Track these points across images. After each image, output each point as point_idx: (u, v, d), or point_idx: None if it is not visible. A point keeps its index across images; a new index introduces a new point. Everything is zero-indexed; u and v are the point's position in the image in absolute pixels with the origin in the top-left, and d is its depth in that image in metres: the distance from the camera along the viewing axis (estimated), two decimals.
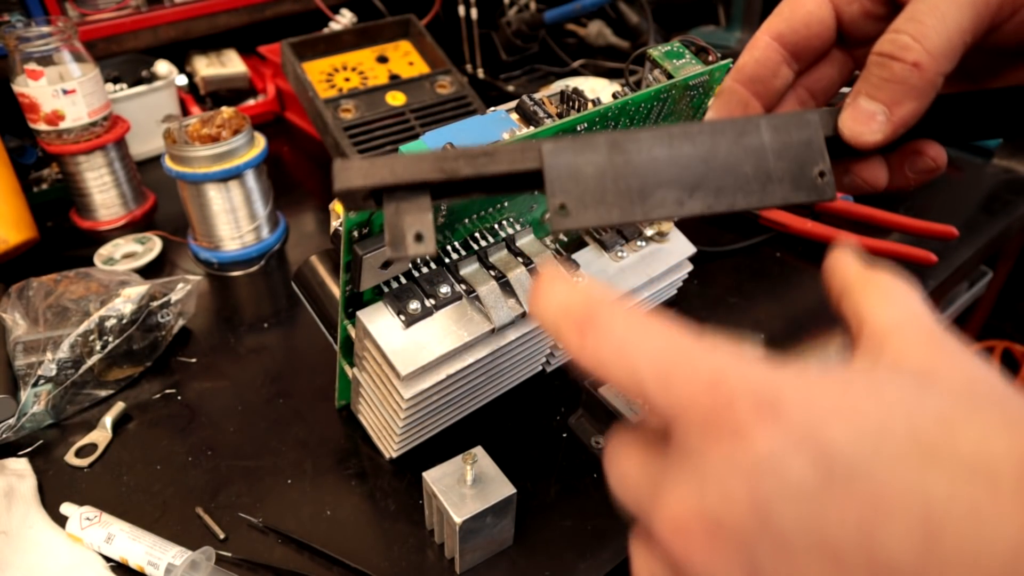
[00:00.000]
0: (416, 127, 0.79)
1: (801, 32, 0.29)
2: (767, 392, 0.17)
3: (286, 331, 0.63)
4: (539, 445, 0.51)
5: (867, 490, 0.15)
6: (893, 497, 0.15)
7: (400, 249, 0.24)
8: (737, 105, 0.31)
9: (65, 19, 0.75)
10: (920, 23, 0.25)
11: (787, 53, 0.30)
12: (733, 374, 0.18)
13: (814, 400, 0.17)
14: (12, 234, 0.68)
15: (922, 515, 0.15)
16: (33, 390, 0.53)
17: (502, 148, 0.25)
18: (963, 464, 0.15)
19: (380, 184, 0.24)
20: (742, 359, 0.18)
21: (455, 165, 0.24)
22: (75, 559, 0.44)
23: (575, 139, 0.25)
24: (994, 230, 0.73)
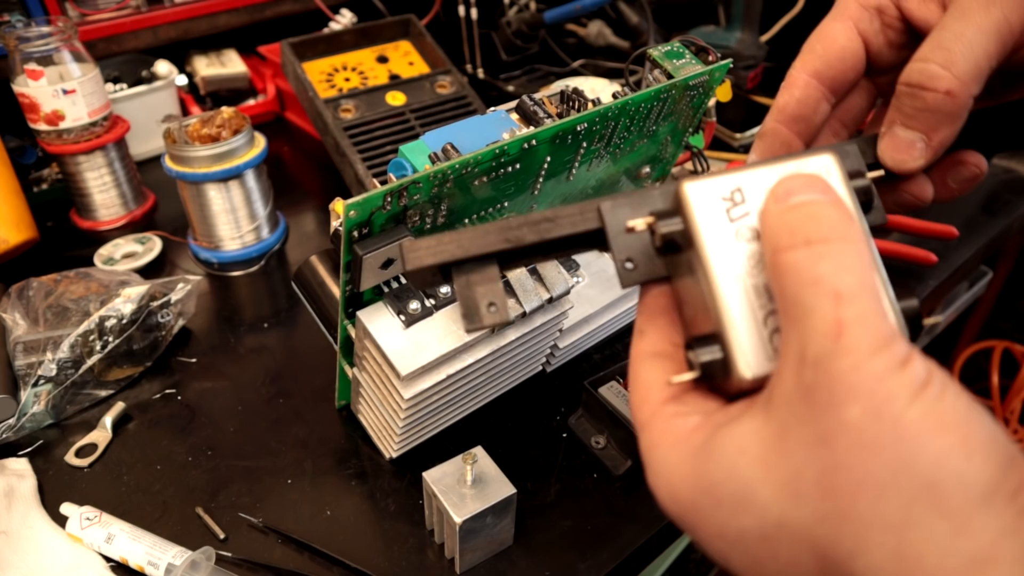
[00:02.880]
0: (416, 127, 0.79)
1: (837, 67, 0.30)
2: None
3: (286, 331, 0.63)
4: (539, 445, 0.51)
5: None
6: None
7: (475, 320, 0.25)
8: (781, 146, 0.31)
9: (65, 19, 0.75)
10: (948, 51, 0.25)
11: (826, 89, 0.30)
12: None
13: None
14: (12, 234, 0.68)
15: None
16: (33, 390, 0.53)
17: (563, 212, 0.25)
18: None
19: (450, 260, 0.24)
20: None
21: (519, 234, 0.25)
22: (75, 559, 0.44)
23: (631, 195, 0.25)
24: (994, 230, 0.73)
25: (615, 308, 0.57)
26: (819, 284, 0.19)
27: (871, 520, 0.17)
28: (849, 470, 0.18)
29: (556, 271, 0.46)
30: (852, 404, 0.18)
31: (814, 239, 0.20)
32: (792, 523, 0.19)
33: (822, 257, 0.19)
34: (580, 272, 0.55)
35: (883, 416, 0.18)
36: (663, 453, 0.22)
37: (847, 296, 0.19)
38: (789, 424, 0.19)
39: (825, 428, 0.18)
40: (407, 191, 0.38)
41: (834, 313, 0.18)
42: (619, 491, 0.48)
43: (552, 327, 0.49)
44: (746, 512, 0.20)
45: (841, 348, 0.18)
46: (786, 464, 0.19)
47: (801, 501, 0.18)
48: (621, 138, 0.49)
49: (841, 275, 0.19)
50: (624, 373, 0.52)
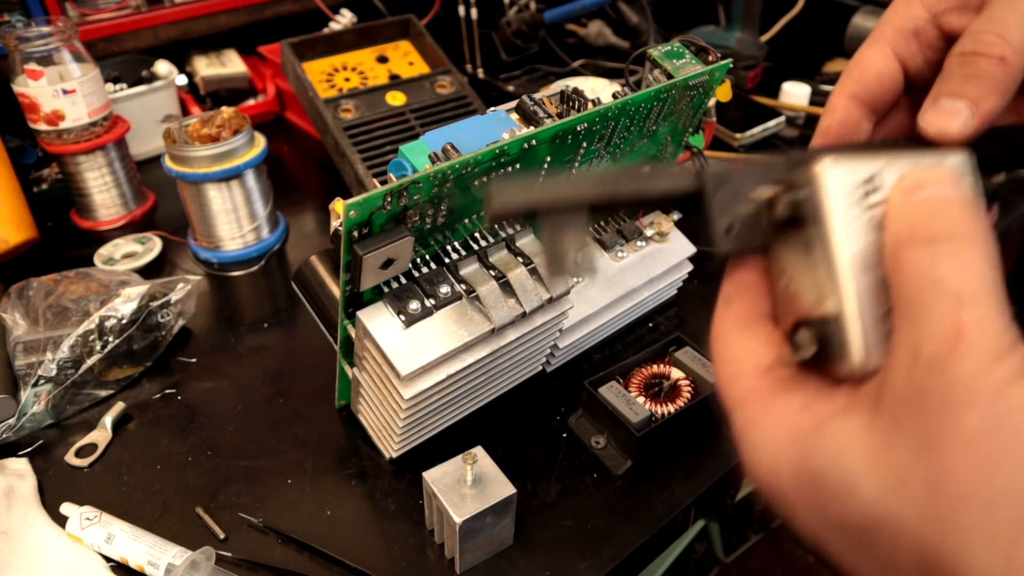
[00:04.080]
0: (416, 127, 0.79)
1: (875, 90, 0.30)
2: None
3: (286, 331, 0.63)
4: (539, 445, 0.51)
5: None
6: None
7: (562, 270, 0.24)
8: None
9: (65, 19, 0.75)
10: (1001, 22, 0.25)
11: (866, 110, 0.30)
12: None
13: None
14: (12, 234, 0.68)
15: None
16: (33, 390, 0.53)
17: (662, 169, 0.25)
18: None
19: (541, 203, 0.24)
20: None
21: (616, 186, 0.24)
22: (75, 559, 0.44)
23: (741, 164, 0.24)
24: (994, 230, 0.73)
25: (615, 308, 0.57)
26: (940, 284, 0.19)
27: (981, 527, 0.17)
28: (962, 477, 0.18)
29: None
30: (970, 411, 0.18)
31: (938, 237, 0.19)
32: (896, 519, 0.19)
33: (945, 257, 0.19)
34: None
35: (1003, 428, 0.17)
36: (765, 434, 0.22)
37: (968, 299, 0.18)
38: (900, 423, 0.19)
39: (938, 431, 0.18)
40: (407, 191, 0.38)
41: (954, 316, 0.18)
42: (619, 491, 0.48)
43: (552, 327, 0.49)
44: (850, 502, 0.20)
45: (960, 353, 0.18)
46: (894, 462, 0.19)
47: (907, 500, 0.19)
48: (621, 138, 0.49)
49: (964, 277, 0.19)
50: (624, 372, 0.52)
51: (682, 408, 0.49)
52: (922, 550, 0.18)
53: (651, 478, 0.49)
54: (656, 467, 0.49)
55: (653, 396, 0.51)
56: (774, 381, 0.23)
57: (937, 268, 0.19)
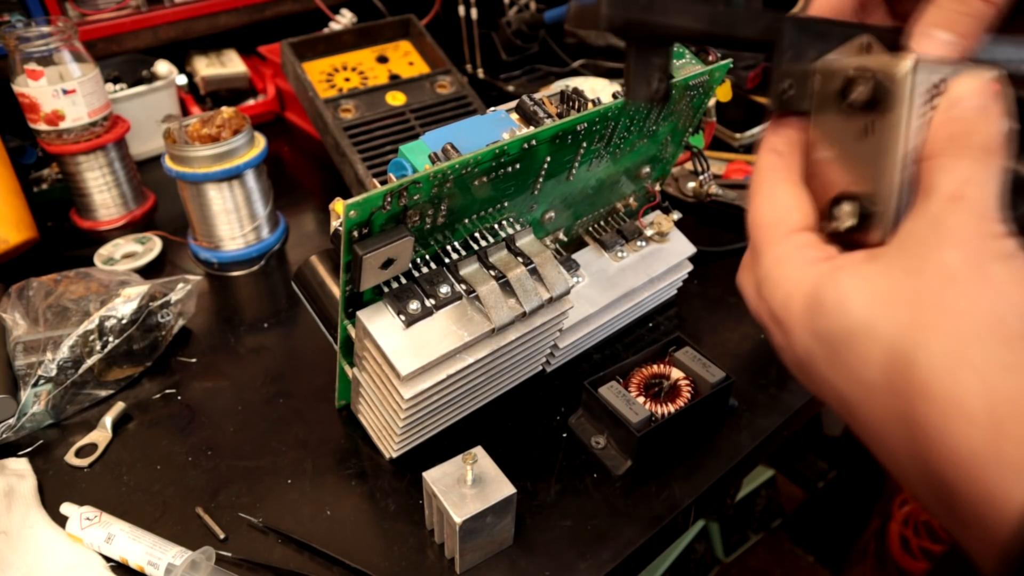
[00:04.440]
0: (416, 127, 0.79)
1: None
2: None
3: (286, 331, 0.63)
4: (539, 445, 0.51)
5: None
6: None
7: (642, 94, 0.26)
8: None
9: (65, 19, 0.75)
10: None
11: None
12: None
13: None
14: (12, 234, 0.68)
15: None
16: (33, 390, 0.53)
17: (749, 13, 0.27)
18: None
19: (648, 23, 0.26)
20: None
21: (713, 23, 0.26)
22: (75, 559, 0.44)
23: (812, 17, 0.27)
24: None
25: (615, 308, 0.57)
26: (955, 171, 0.23)
27: (942, 328, 0.22)
28: (935, 294, 0.22)
29: (556, 271, 0.46)
30: (952, 249, 0.22)
31: (964, 152, 0.24)
32: (876, 324, 0.23)
33: (964, 167, 0.23)
34: (580, 272, 0.55)
35: (974, 263, 0.22)
36: (789, 270, 0.26)
37: (974, 183, 0.23)
38: (896, 258, 0.24)
39: (926, 262, 0.23)
40: (407, 191, 0.38)
41: (959, 187, 0.23)
42: (619, 491, 0.48)
43: (552, 327, 0.49)
44: (840, 313, 0.24)
45: (954, 208, 0.23)
46: (886, 283, 0.23)
47: (888, 310, 0.23)
48: (621, 138, 0.49)
49: (974, 174, 0.23)
50: (624, 372, 0.52)
51: (682, 408, 0.49)
52: (888, 346, 0.23)
53: (651, 478, 0.49)
54: (656, 467, 0.49)
55: (653, 396, 0.51)
56: (809, 236, 0.27)
57: (956, 170, 0.23)
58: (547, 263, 0.46)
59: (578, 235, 0.57)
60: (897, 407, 0.22)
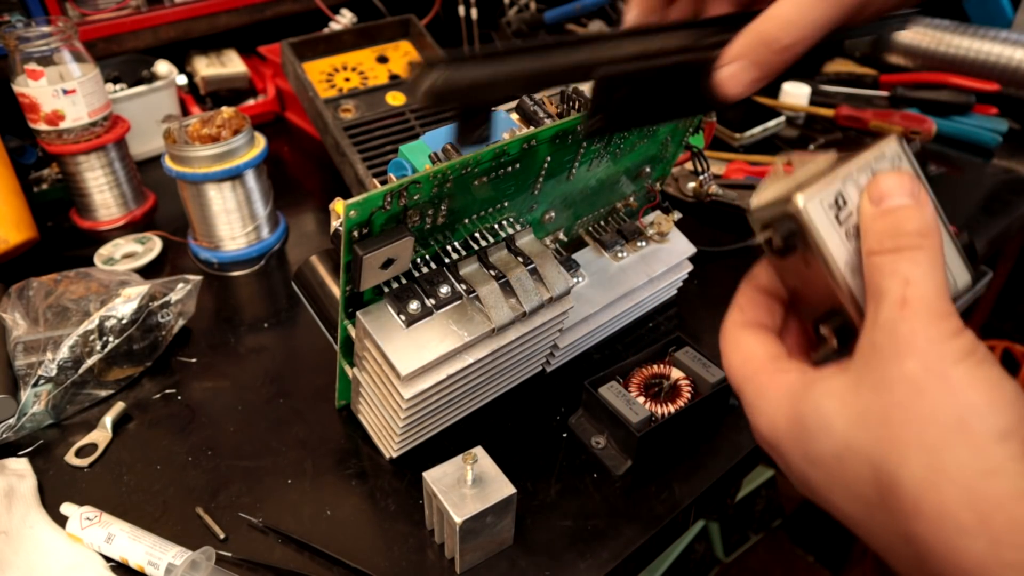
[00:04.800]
0: (416, 127, 0.79)
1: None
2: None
3: (286, 331, 0.63)
4: (539, 445, 0.51)
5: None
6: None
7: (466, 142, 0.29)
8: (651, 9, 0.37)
9: (65, 19, 0.75)
10: (784, 17, 0.32)
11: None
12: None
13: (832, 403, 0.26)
14: (12, 234, 0.68)
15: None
16: (33, 390, 0.53)
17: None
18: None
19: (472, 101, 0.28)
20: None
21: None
22: (75, 559, 0.44)
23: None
24: (994, 230, 0.73)
25: (615, 308, 0.57)
26: (896, 275, 0.25)
27: (915, 443, 0.23)
28: (903, 407, 0.23)
29: (556, 271, 0.46)
30: (910, 358, 0.24)
31: (901, 246, 0.25)
32: (857, 445, 0.24)
33: (903, 260, 0.25)
34: (580, 272, 0.55)
35: (934, 370, 0.23)
36: (769, 397, 0.28)
37: (915, 283, 0.24)
38: (863, 372, 0.25)
39: (889, 375, 0.24)
40: (407, 191, 0.38)
41: (902, 291, 0.24)
42: (619, 491, 0.48)
43: (552, 327, 0.49)
44: (825, 437, 0.25)
45: (904, 316, 0.24)
46: (858, 401, 0.25)
47: (866, 429, 0.24)
48: (621, 138, 0.49)
49: (914, 270, 0.25)
50: (624, 372, 0.52)
51: (682, 408, 0.49)
52: (874, 467, 0.24)
53: (651, 478, 0.49)
54: (656, 467, 0.49)
55: (653, 396, 0.51)
56: (778, 362, 0.29)
57: (896, 266, 0.25)
58: (547, 263, 0.46)
59: (578, 235, 0.57)
60: (896, 525, 0.23)
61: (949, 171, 0.83)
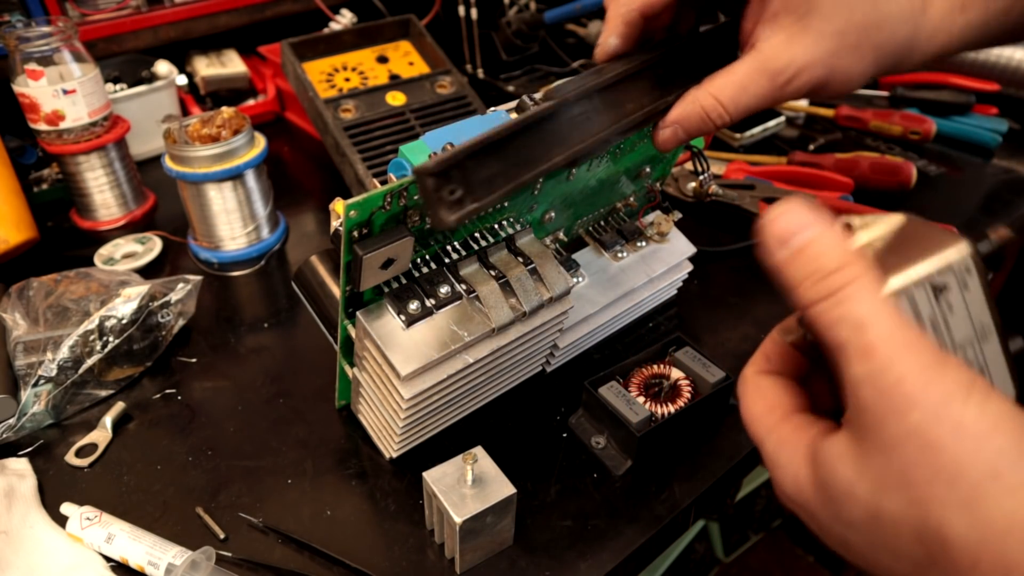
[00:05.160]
0: (416, 127, 0.79)
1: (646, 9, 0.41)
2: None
3: (286, 331, 0.63)
4: (539, 445, 0.51)
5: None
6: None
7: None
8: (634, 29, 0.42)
9: (65, 19, 0.75)
10: (733, 102, 0.38)
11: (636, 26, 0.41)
12: None
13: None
14: (12, 234, 0.68)
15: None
16: (33, 390, 0.53)
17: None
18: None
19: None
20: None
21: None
22: (75, 559, 0.44)
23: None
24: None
25: (615, 308, 0.56)
26: (844, 323, 0.23)
27: (951, 501, 0.22)
28: (924, 465, 0.22)
29: (556, 271, 0.46)
30: (912, 411, 0.22)
31: (833, 289, 0.23)
32: (889, 509, 0.23)
33: (844, 303, 0.23)
34: (580, 272, 0.55)
35: (944, 420, 0.22)
36: (789, 454, 0.27)
37: (869, 324, 0.23)
38: (864, 434, 0.23)
39: (894, 433, 0.22)
40: (407, 191, 0.38)
41: (862, 340, 0.22)
42: (619, 491, 0.48)
43: (552, 327, 0.49)
44: (852, 504, 0.24)
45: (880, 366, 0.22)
46: (871, 464, 0.23)
47: (891, 492, 0.23)
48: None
49: (860, 308, 0.23)
50: (624, 372, 0.52)
51: (682, 408, 0.49)
52: (916, 529, 0.22)
53: (651, 478, 0.49)
54: (656, 467, 0.49)
55: (653, 396, 0.51)
56: (799, 417, 0.27)
57: (841, 314, 0.23)
58: (547, 263, 0.46)
59: (578, 235, 0.57)
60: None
61: (949, 171, 0.83)
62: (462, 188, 0.31)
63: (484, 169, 0.32)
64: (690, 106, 0.39)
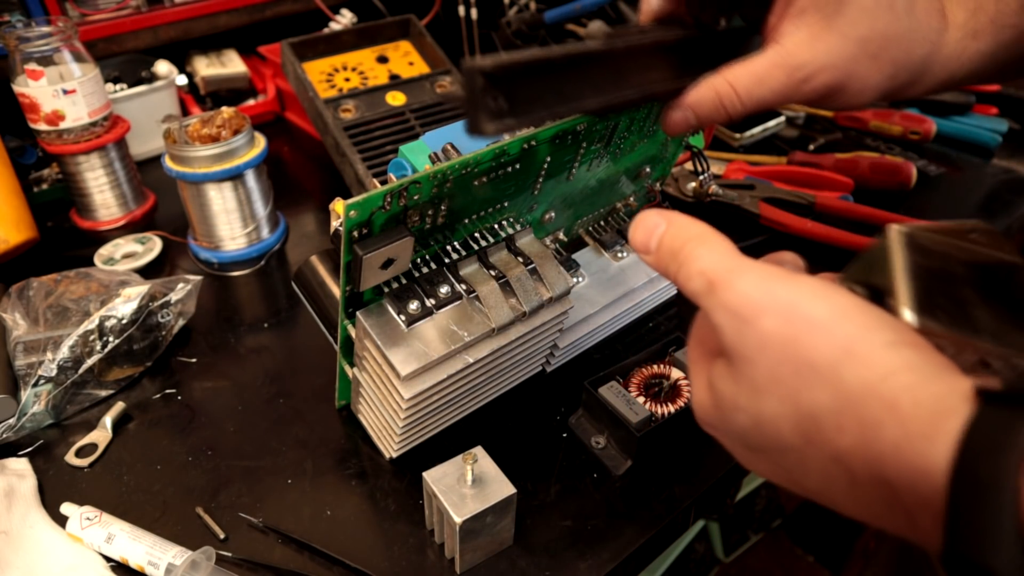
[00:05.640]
0: (416, 127, 0.79)
1: None
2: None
3: (286, 331, 0.63)
4: (539, 445, 0.51)
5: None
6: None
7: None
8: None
9: (65, 19, 0.75)
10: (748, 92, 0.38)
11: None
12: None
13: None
14: (12, 234, 0.68)
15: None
16: (33, 390, 0.53)
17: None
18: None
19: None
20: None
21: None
22: (75, 559, 0.44)
23: None
24: None
25: (615, 308, 0.56)
26: (692, 277, 0.28)
27: (814, 383, 0.24)
28: (784, 362, 0.25)
29: (556, 271, 0.46)
30: (762, 317, 0.25)
31: (680, 259, 0.29)
32: (767, 410, 0.26)
33: (688, 263, 0.28)
34: (580, 272, 0.55)
35: (793, 318, 0.25)
36: (697, 384, 0.31)
37: (709, 265, 0.27)
38: (731, 351, 0.27)
39: (753, 342, 0.25)
40: (407, 191, 0.38)
41: (706, 280, 0.27)
42: (619, 491, 0.48)
43: (552, 327, 0.49)
44: (738, 414, 0.27)
45: (722, 289, 0.26)
46: (744, 375, 0.26)
47: (764, 394, 0.26)
48: (621, 138, 0.49)
49: (700, 260, 0.28)
50: (624, 372, 0.52)
51: (682, 408, 0.49)
52: (792, 419, 0.25)
53: (651, 478, 0.49)
54: (656, 467, 0.49)
55: (653, 396, 0.51)
56: (709, 351, 0.31)
57: (688, 271, 0.29)
58: (547, 263, 0.46)
59: (578, 235, 0.57)
60: (825, 452, 0.25)
61: (949, 171, 0.83)
62: (506, 100, 0.30)
63: (529, 88, 0.31)
64: (705, 91, 0.39)
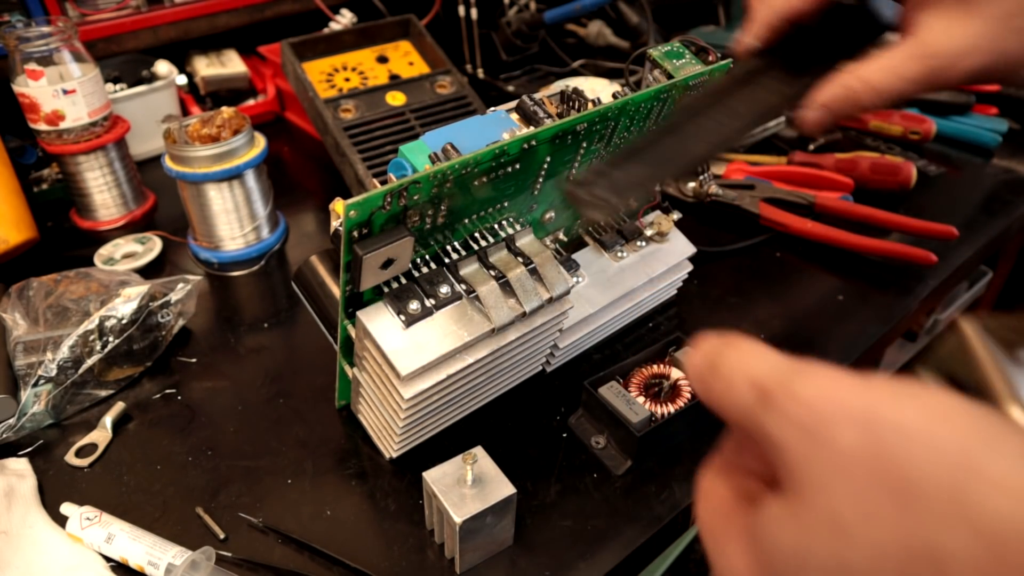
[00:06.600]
0: (416, 127, 0.79)
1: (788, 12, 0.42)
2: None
3: (286, 331, 0.63)
4: (539, 445, 0.51)
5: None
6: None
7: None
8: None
9: (65, 19, 0.75)
10: (887, 86, 0.37)
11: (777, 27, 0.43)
12: None
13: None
14: (12, 234, 0.68)
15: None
16: (33, 390, 0.53)
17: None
18: None
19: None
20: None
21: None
22: (75, 559, 0.44)
23: None
24: (994, 230, 0.73)
25: (615, 308, 0.57)
26: (734, 384, 0.23)
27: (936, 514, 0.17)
28: (879, 487, 0.18)
29: (556, 271, 0.46)
30: (838, 426, 0.18)
31: (716, 365, 0.25)
32: (858, 556, 0.18)
33: (725, 365, 0.25)
34: (580, 272, 0.55)
35: (877, 425, 0.18)
36: (726, 551, 0.23)
37: (757, 369, 0.22)
38: (797, 479, 0.19)
39: (831, 461, 0.18)
40: (407, 191, 0.38)
41: (756, 388, 0.22)
42: (619, 491, 0.48)
43: (552, 327, 0.49)
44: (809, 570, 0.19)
45: (782, 399, 0.20)
46: (816, 510, 0.19)
47: (856, 530, 0.18)
48: (621, 138, 0.49)
49: (745, 360, 0.24)
50: (624, 372, 0.52)
51: (682, 408, 0.49)
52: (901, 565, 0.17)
53: (651, 478, 0.49)
54: (656, 467, 0.49)
55: (653, 396, 0.51)
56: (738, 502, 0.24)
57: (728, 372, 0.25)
58: (547, 263, 0.46)
59: (578, 235, 0.57)
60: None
61: (949, 171, 0.83)
62: (610, 192, 0.33)
63: (627, 174, 0.34)
64: (838, 90, 0.38)
